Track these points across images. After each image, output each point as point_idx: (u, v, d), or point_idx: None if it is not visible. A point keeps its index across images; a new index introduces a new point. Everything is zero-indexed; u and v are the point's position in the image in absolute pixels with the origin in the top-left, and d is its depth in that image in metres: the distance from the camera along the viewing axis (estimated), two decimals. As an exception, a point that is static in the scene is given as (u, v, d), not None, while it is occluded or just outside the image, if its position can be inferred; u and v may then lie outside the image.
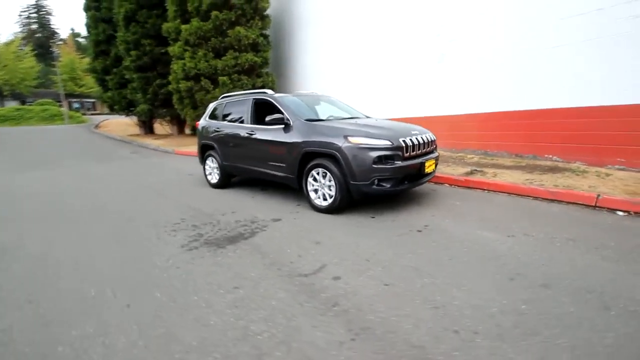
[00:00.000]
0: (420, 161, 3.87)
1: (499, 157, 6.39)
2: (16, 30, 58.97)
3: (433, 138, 4.24)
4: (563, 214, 3.65)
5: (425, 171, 3.95)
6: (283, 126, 4.38)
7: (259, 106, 5.12)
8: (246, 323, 1.97)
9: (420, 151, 3.95)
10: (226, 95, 5.83)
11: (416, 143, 3.86)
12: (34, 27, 57.07)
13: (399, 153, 3.69)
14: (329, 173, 3.87)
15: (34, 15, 57.59)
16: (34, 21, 57.53)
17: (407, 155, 3.77)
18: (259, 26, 12.23)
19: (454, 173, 5.37)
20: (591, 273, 2.38)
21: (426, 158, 3.98)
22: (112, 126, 21.95)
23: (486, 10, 6.33)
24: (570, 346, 1.69)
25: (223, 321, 2.00)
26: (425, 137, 4.04)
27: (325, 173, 3.94)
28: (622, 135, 4.77)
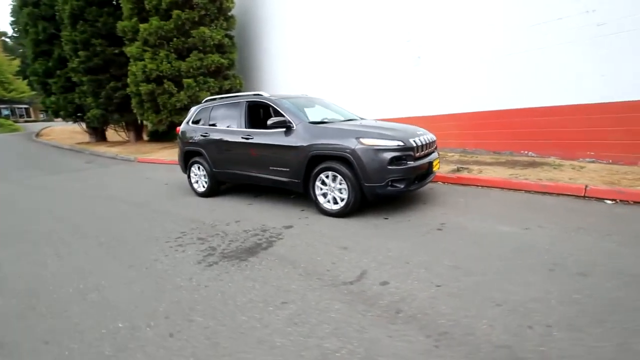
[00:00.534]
0: (428, 160, 3.94)
1: (478, 155, 6.74)
2: None
3: (434, 138, 4.34)
4: (560, 205, 3.92)
5: (432, 170, 4.03)
6: (285, 129, 4.22)
7: (253, 109, 4.90)
8: (317, 341, 1.83)
9: (426, 151, 4.03)
10: (211, 98, 5.51)
11: (424, 143, 3.93)
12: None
13: (411, 153, 3.73)
14: (340, 176, 3.79)
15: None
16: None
17: (417, 155, 3.82)
18: (224, 27, 11.82)
19: (442, 171, 5.56)
20: (616, 258, 2.55)
21: (432, 158, 4.06)
22: (56, 134, 19.86)
23: (461, 17, 6.66)
24: None
25: (291, 341, 1.84)
26: (429, 137, 4.13)
27: (335, 176, 3.86)
28: (591, 131, 5.26)
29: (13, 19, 21.96)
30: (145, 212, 4.71)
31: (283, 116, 4.26)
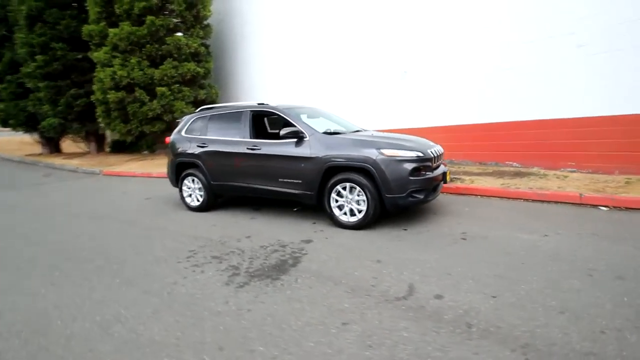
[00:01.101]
0: (443, 171, 4.00)
1: (465, 165, 7.02)
2: None
3: (442, 150, 4.44)
4: (562, 213, 4.14)
5: (446, 180, 4.10)
6: (296, 140, 4.10)
7: (256, 119, 4.72)
8: (403, 363, 1.71)
9: (439, 162, 4.10)
10: (206, 107, 5.23)
11: (438, 154, 4.00)
12: None
13: (429, 164, 3.77)
14: (359, 187, 3.72)
15: None
16: None
17: (434, 165, 3.87)
18: (200, 35, 11.47)
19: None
20: (640, 261, 2.71)
21: (444, 169, 4.14)
22: (2, 145, 17.85)
23: (447, 32, 7.00)
24: (699, 330, 1.87)
25: (376, 366, 1.70)
26: (439, 149, 4.21)
27: (353, 187, 3.78)
28: (572, 143, 5.69)
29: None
30: (137, 230, 4.30)
31: (294, 126, 4.13)
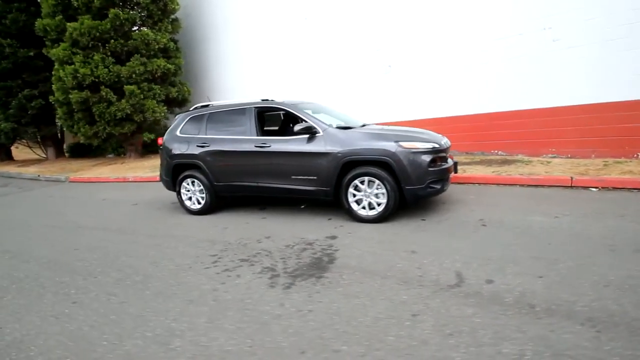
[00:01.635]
0: (455, 161, 4.13)
1: (454, 155, 7.30)
2: None
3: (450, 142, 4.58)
4: (559, 196, 4.45)
5: (456, 171, 4.24)
6: (308, 136, 4.03)
7: (261, 116, 4.57)
8: (492, 348, 1.75)
9: (449, 153, 4.23)
10: (203, 104, 4.98)
11: (448, 145, 4.12)
12: None
13: (444, 155, 3.88)
14: (378, 180, 3.74)
15: None
16: None
17: (447, 156, 3.99)
18: (169, 30, 10.90)
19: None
20: (648, 235, 2.99)
21: (455, 160, 4.28)
22: None
23: (430, 28, 7.21)
24: None
25: (468, 354, 1.72)
26: (448, 140, 4.34)
27: (371, 181, 3.79)
28: (551, 131, 6.12)
29: None
30: (140, 239, 4.03)
31: (306, 122, 4.06)
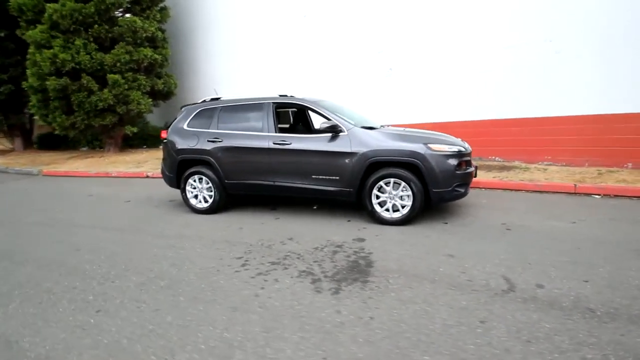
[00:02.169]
0: (475, 166, 4.17)
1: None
2: None
3: None
4: (566, 202, 4.61)
5: (476, 175, 4.28)
6: (331, 134, 3.92)
7: (278, 112, 4.40)
8: (576, 354, 1.73)
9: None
10: (214, 97, 4.72)
11: (471, 150, 4.15)
12: None
13: (469, 159, 3.90)
14: (404, 182, 3.70)
15: None
16: None
17: (471, 160, 4.02)
18: (157, 18, 10.39)
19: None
20: (666, 241, 3.15)
21: (475, 165, 4.32)
22: None
23: (433, 32, 7.30)
24: None
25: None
26: (468, 145, 4.38)
27: (397, 183, 3.74)
28: (547, 139, 6.38)
29: None
30: (148, 240, 3.74)
31: (329, 120, 3.95)
